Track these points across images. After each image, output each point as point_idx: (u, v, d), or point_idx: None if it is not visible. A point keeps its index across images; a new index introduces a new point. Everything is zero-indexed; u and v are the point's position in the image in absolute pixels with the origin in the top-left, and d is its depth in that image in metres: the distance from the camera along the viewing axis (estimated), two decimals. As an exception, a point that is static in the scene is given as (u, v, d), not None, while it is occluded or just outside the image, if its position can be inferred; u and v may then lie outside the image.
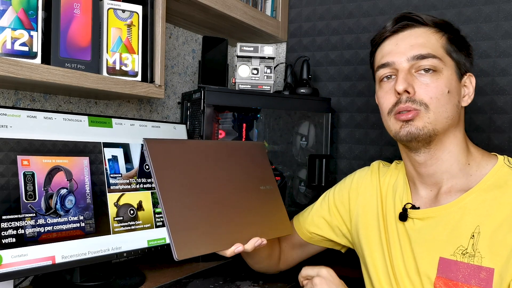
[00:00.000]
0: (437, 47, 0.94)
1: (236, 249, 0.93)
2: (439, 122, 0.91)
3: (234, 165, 1.00)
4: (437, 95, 0.91)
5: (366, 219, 1.08)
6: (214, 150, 0.98)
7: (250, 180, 1.02)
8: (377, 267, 1.03)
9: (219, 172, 0.96)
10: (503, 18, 1.43)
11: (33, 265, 0.98)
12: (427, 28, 0.95)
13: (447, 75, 0.93)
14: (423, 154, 0.96)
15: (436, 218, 0.94)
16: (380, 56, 0.99)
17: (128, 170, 1.22)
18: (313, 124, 1.67)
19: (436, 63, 0.92)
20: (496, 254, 0.85)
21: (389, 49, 0.97)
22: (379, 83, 0.99)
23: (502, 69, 1.42)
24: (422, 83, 0.92)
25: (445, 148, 0.94)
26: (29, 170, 1.01)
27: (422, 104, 0.90)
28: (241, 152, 1.03)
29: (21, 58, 0.95)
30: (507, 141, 1.41)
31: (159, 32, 1.23)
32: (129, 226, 1.18)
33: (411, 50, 0.93)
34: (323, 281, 0.95)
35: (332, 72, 1.73)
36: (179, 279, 1.21)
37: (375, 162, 1.16)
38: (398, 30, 0.97)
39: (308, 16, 1.79)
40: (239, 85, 1.51)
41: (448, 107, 0.92)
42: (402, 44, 0.95)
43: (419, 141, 0.92)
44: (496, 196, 0.89)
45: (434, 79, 0.91)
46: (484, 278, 0.85)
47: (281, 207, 1.07)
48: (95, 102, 1.37)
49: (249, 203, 0.99)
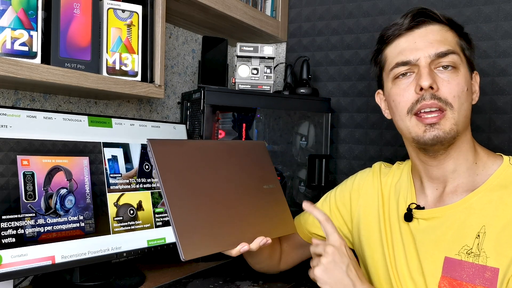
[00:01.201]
0: (454, 44, 0.92)
1: (242, 248, 0.92)
2: (461, 122, 0.90)
3: (237, 164, 1.00)
4: (458, 93, 0.89)
5: (367, 221, 1.07)
6: (216, 150, 0.98)
7: (253, 179, 1.02)
8: (378, 268, 1.03)
9: (222, 172, 0.96)
10: (503, 18, 1.43)
11: (32, 265, 0.98)
12: (442, 25, 0.94)
13: (464, 72, 0.91)
14: (440, 156, 0.93)
15: (441, 218, 0.93)
16: (396, 53, 0.95)
17: (128, 170, 1.22)
18: (313, 124, 1.67)
19: (456, 60, 0.90)
20: (502, 254, 0.85)
21: (407, 46, 0.93)
22: (393, 80, 0.95)
23: (502, 69, 1.42)
24: (443, 80, 0.89)
25: (457, 147, 0.93)
26: (29, 170, 1.01)
27: (448, 103, 0.88)
28: (242, 151, 1.03)
29: (21, 58, 0.95)
30: (507, 141, 1.41)
31: (159, 32, 1.23)
32: (129, 226, 1.18)
33: (432, 47, 0.91)
34: (336, 252, 0.91)
35: (332, 72, 1.73)
36: (179, 279, 1.21)
37: (377, 164, 1.15)
38: (414, 26, 0.94)
39: (308, 16, 1.79)
40: (239, 85, 1.51)
41: (466, 105, 0.91)
42: (421, 41, 0.92)
43: (443, 144, 0.90)
44: (502, 196, 0.89)
45: (454, 76, 0.90)
46: (489, 278, 0.85)
47: (285, 206, 1.07)
48: (95, 102, 1.36)
49: (252, 202, 0.99)
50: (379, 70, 1.02)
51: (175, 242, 0.83)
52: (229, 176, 0.96)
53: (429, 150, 0.93)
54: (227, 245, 0.91)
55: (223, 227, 0.91)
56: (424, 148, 0.93)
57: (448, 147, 0.92)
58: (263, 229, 0.98)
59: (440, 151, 0.93)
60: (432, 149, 0.92)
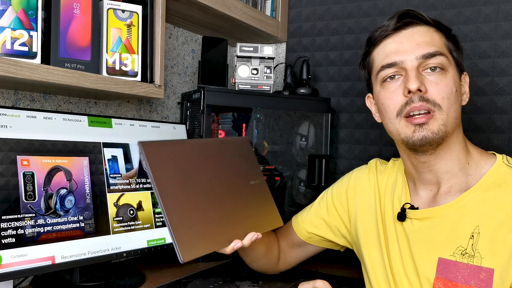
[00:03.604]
0: (442, 45, 0.92)
1: (236, 245, 0.93)
2: (450, 123, 0.90)
3: (223, 162, 1.00)
4: (447, 94, 0.89)
5: (364, 219, 1.07)
6: (203, 148, 0.98)
7: (239, 176, 1.02)
8: (375, 267, 1.03)
9: (210, 170, 0.96)
10: (502, 18, 1.43)
11: (32, 265, 0.98)
12: (429, 27, 0.94)
13: (452, 73, 0.92)
14: (428, 156, 0.93)
15: (435, 218, 0.94)
16: (383, 55, 0.95)
17: (128, 170, 1.22)
18: (313, 124, 1.67)
19: (443, 61, 0.90)
20: (496, 255, 0.85)
21: (394, 48, 0.93)
22: (382, 83, 0.96)
23: (501, 69, 1.42)
24: (432, 82, 0.89)
25: (448, 148, 0.93)
26: (28, 170, 1.01)
27: (436, 104, 0.88)
28: (227, 148, 1.04)
29: (20, 58, 0.95)
30: (506, 141, 1.41)
31: (159, 32, 1.23)
32: (128, 226, 1.18)
33: (419, 48, 0.90)
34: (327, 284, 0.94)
35: (332, 72, 1.73)
36: (178, 279, 1.21)
37: (372, 160, 1.15)
38: (401, 27, 0.94)
39: (307, 16, 1.79)
40: (239, 85, 1.51)
41: (456, 106, 0.91)
42: (408, 43, 0.92)
43: (431, 144, 0.90)
44: (496, 195, 0.89)
45: (443, 77, 0.90)
46: (484, 278, 0.84)
47: (271, 201, 1.08)
48: (94, 102, 1.36)
49: (241, 199, 0.99)
50: (368, 74, 1.02)
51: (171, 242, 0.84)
52: (218, 174, 0.96)
53: (418, 151, 0.93)
54: (221, 244, 0.92)
55: (217, 225, 0.91)
56: (413, 149, 0.93)
57: (437, 148, 0.92)
58: (253, 225, 0.99)
59: (429, 151, 0.93)
60: (421, 150, 0.92)
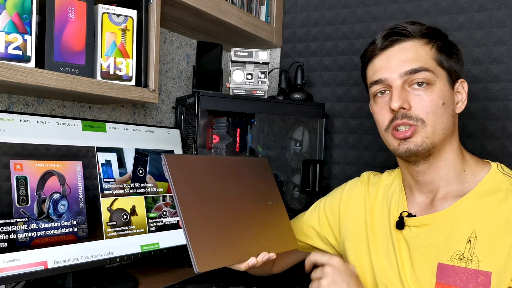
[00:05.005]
0: (427, 60, 0.94)
1: (251, 262, 0.92)
2: (437, 135, 0.92)
3: (243, 180, 1.02)
4: (432, 109, 0.91)
5: (354, 231, 1.09)
6: (225, 165, 1.00)
7: (258, 195, 1.04)
8: (366, 280, 1.03)
9: (229, 186, 0.98)
10: (495, 25, 1.44)
11: (25, 270, 0.98)
12: (416, 41, 0.95)
13: (440, 87, 0.93)
14: (422, 165, 0.97)
15: (432, 224, 0.95)
16: (372, 73, 0.99)
17: (122, 174, 1.22)
18: (307, 129, 1.68)
19: (428, 76, 0.92)
20: (493, 258, 0.86)
21: (380, 66, 0.97)
22: (373, 98, 1.00)
23: (494, 75, 1.44)
24: (416, 97, 0.92)
25: (442, 157, 0.96)
26: (21, 175, 1.01)
27: (419, 119, 0.91)
28: (246, 167, 1.06)
29: (14, 62, 0.95)
30: (499, 148, 1.42)
31: (154, 37, 1.23)
32: (122, 231, 1.18)
33: (403, 65, 0.93)
34: (335, 271, 0.90)
35: (326, 78, 1.74)
36: (172, 284, 1.20)
37: (365, 173, 1.17)
38: (387, 46, 0.97)
39: (302, 21, 1.80)
40: (233, 90, 1.51)
41: (444, 118, 0.93)
42: (393, 60, 0.95)
43: (418, 155, 0.94)
44: (491, 201, 0.90)
45: (428, 92, 0.92)
46: (482, 281, 0.86)
47: (287, 222, 1.09)
48: (88, 106, 1.36)
49: (257, 217, 1.01)
50: (366, 86, 1.06)
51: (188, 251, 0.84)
52: (236, 191, 0.99)
53: (409, 161, 0.98)
54: (238, 259, 0.92)
55: (234, 241, 0.92)
56: (405, 160, 0.98)
57: (429, 158, 0.95)
58: (267, 244, 0.99)
59: (421, 162, 0.96)
60: (411, 160, 0.97)
